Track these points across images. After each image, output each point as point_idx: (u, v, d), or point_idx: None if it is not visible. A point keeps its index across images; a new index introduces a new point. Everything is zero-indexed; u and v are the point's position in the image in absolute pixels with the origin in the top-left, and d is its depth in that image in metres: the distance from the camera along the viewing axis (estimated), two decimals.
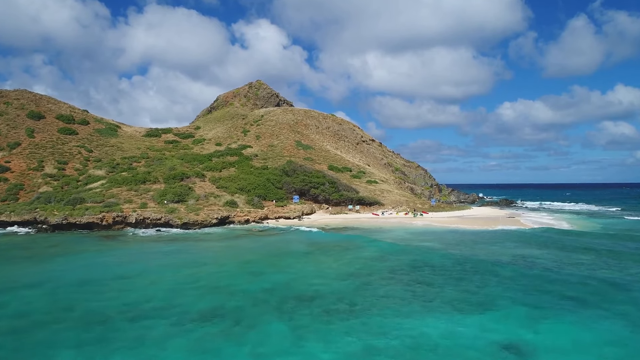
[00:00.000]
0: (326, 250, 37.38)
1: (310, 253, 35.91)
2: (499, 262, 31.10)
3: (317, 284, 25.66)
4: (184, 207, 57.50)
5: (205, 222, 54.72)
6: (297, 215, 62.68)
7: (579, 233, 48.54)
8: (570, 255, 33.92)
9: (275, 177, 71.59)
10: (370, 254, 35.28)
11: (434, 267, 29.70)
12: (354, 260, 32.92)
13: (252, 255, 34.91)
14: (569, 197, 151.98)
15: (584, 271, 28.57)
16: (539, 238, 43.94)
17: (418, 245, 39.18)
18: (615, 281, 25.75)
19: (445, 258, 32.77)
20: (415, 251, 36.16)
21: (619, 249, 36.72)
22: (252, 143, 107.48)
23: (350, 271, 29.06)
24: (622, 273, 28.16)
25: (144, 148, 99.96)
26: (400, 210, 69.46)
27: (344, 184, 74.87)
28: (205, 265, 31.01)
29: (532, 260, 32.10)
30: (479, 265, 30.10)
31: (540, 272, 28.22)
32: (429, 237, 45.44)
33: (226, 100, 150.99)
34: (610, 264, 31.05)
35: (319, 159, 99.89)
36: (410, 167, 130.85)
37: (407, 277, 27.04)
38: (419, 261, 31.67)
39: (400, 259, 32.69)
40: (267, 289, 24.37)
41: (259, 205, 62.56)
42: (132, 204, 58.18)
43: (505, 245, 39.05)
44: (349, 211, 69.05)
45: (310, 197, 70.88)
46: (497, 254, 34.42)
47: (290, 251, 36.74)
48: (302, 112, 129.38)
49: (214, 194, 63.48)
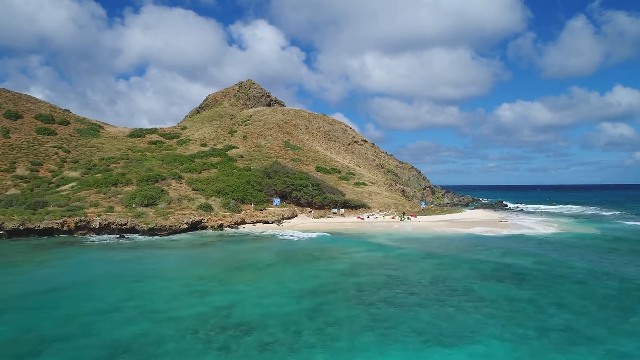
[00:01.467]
0: (294, 261, 33.58)
1: (274, 265, 32.12)
2: (482, 277, 27.34)
3: (266, 306, 21.87)
4: (154, 211, 53.65)
5: (174, 227, 50.87)
6: (276, 219, 58.87)
7: (567, 243, 44.87)
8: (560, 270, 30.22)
9: (256, 179, 67.76)
10: (342, 266, 31.48)
11: (409, 284, 25.92)
12: (321, 273, 29.14)
13: (207, 268, 31.09)
14: (567, 199, 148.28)
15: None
16: (525, 245, 40.19)
17: (398, 255, 35.39)
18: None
19: (423, 272, 29.01)
20: (392, 263, 32.39)
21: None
22: (239, 143, 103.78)
23: (311, 288, 25.27)
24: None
25: (125, 149, 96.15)
26: (387, 214, 65.69)
27: (329, 186, 71.10)
28: (147, 280, 27.20)
29: (521, 273, 28.33)
30: (459, 282, 26.33)
31: (533, 294, 24.47)
32: (412, 244, 41.66)
33: (215, 100, 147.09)
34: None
35: (307, 159, 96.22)
36: (403, 168, 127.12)
37: (374, 297, 23.25)
38: (393, 276, 27.88)
39: (373, 273, 28.93)
40: (203, 315, 20.54)
41: (235, 209, 58.72)
42: (98, 207, 54.31)
43: (492, 253, 35.26)
44: (333, 215, 65.27)
45: (292, 200, 67.08)
46: (479, 268, 30.63)
47: (252, 262, 32.93)
48: (292, 112, 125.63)
49: (188, 196, 59.63)
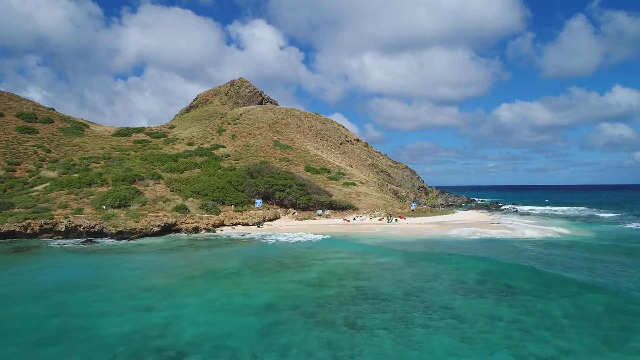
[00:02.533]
0: (260, 269, 30.70)
1: (236, 274, 29.23)
2: (462, 290, 24.51)
3: (208, 325, 19.05)
4: (125, 212, 50.76)
5: (145, 230, 47.98)
6: (256, 221, 55.97)
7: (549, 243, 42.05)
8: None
9: (238, 179, 64.85)
10: (311, 275, 28.63)
11: (379, 298, 23.06)
12: (285, 284, 26.27)
13: (161, 277, 28.20)
14: (565, 200, 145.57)
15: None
16: (515, 251, 37.33)
17: (375, 263, 32.53)
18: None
19: (399, 283, 26.16)
20: (366, 272, 29.54)
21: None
22: (227, 143, 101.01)
23: (268, 302, 22.40)
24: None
25: (109, 148, 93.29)
26: (375, 216, 62.83)
27: (314, 186, 68.22)
28: (86, 292, 24.29)
29: (507, 285, 25.48)
30: (436, 296, 23.48)
31: (518, 312, 21.62)
32: (395, 248, 38.82)
33: (206, 99, 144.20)
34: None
35: (296, 159, 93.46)
36: (397, 168, 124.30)
37: (336, 315, 20.39)
38: (364, 289, 25.02)
39: (343, 285, 26.06)
40: (130, 335, 17.70)
41: (214, 210, 55.82)
42: (67, 209, 51.40)
43: (478, 261, 32.38)
44: (318, 216, 62.39)
45: (276, 201, 64.19)
46: (461, 279, 27.79)
47: (214, 271, 30.04)
48: (283, 111, 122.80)
49: (164, 197, 56.72)
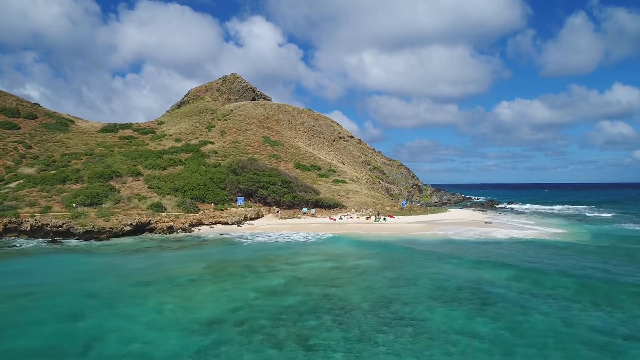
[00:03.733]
0: (224, 273, 28.15)
1: (197, 280, 26.65)
2: (438, 299, 22.00)
3: (141, 342, 16.52)
4: (96, 211, 48.20)
5: (115, 229, 45.41)
6: (237, 220, 53.40)
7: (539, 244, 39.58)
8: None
9: (220, 176, 62.27)
10: (278, 281, 26.07)
11: (344, 309, 20.49)
12: (245, 293, 23.72)
13: (111, 282, 25.62)
14: (564, 198, 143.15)
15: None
16: (503, 253, 34.82)
17: (351, 267, 30.00)
18: None
19: (370, 290, 23.65)
20: (338, 277, 26.99)
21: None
22: (215, 139, 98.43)
23: (219, 315, 19.81)
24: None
25: (93, 144, 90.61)
26: (363, 214, 60.31)
27: (301, 183, 65.64)
28: (25, 297, 21.77)
29: (489, 293, 22.97)
30: (408, 305, 20.94)
31: (498, 327, 19.12)
32: (376, 249, 36.36)
33: (197, 95, 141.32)
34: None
35: (286, 156, 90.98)
36: (391, 165, 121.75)
37: (290, 330, 17.81)
38: (331, 297, 22.46)
39: (310, 292, 23.51)
40: (50, 349, 15.25)
41: (192, 208, 53.24)
42: (35, 207, 48.84)
43: (461, 264, 29.91)
44: (304, 215, 59.83)
45: (259, 199, 61.63)
46: (440, 285, 25.28)
47: (173, 276, 27.45)
48: (274, 107, 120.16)
49: (140, 195, 54.13)
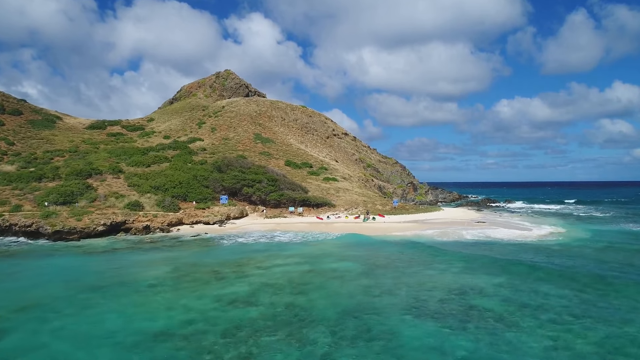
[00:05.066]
0: (187, 279, 25.93)
1: (156, 286, 24.42)
2: (409, 313, 19.84)
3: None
4: (69, 210, 45.99)
5: (87, 229, 43.18)
6: (219, 219, 51.15)
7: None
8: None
9: (204, 174, 60.01)
10: (243, 288, 23.85)
11: (304, 321, 18.36)
12: (204, 301, 21.51)
13: (62, 288, 23.39)
14: (562, 197, 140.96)
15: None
16: (493, 259, 32.66)
17: (326, 270, 27.80)
18: None
19: (339, 298, 21.49)
20: (310, 283, 24.83)
21: None
22: (205, 136, 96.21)
23: (163, 329, 17.60)
24: None
25: (78, 141, 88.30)
26: (352, 214, 58.09)
27: (289, 181, 63.40)
28: None
29: (473, 307, 20.78)
30: (382, 318, 18.79)
31: (478, 347, 16.97)
32: (357, 251, 34.18)
33: (190, 91, 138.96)
34: None
35: (277, 153, 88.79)
36: (386, 163, 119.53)
37: (234, 351, 15.65)
38: (294, 307, 20.29)
39: (273, 302, 21.33)
40: None
41: (172, 207, 51.00)
42: (6, 206, 46.63)
43: (446, 271, 27.77)
44: (290, 214, 57.60)
45: (244, 198, 59.39)
46: (415, 295, 23.11)
47: (132, 281, 25.24)
48: (267, 103, 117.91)
49: (118, 193, 51.88)
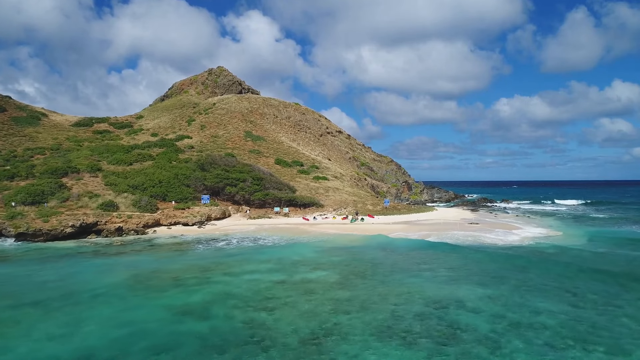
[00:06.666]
0: (140, 287, 23.34)
1: (102, 296, 21.85)
2: (379, 332, 17.34)
3: None
4: (37, 210, 43.42)
5: (54, 231, 40.60)
6: (198, 220, 48.59)
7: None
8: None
9: (186, 172, 57.43)
10: (199, 299, 21.28)
11: (256, 345, 15.83)
12: (151, 314, 18.99)
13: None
14: (561, 196, 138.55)
15: None
16: (480, 265, 30.16)
17: (299, 281, 25.25)
18: None
19: (309, 317, 18.98)
20: (278, 297, 22.27)
21: None
22: (194, 133, 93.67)
23: (91, 349, 15.13)
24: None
25: (62, 139, 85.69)
26: (340, 214, 55.58)
27: (275, 180, 60.84)
28: None
29: (453, 324, 18.25)
30: (347, 343, 16.27)
31: None
32: (337, 257, 31.67)
33: (181, 88, 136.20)
34: None
35: (267, 151, 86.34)
36: (380, 161, 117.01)
37: None
38: (254, 324, 17.76)
39: (230, 316, 18.84)
40: None
41: (149, 207, 48.41)
42: None
43: (432, 279, 25.26)
44: (275, 215, 55.05)
45: (227, 197, 56.82)
46: (390, 310, 20.61)
47: (78, 291, 22.67)
48: (259, 100, 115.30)
49: (93, 192, 49.30)
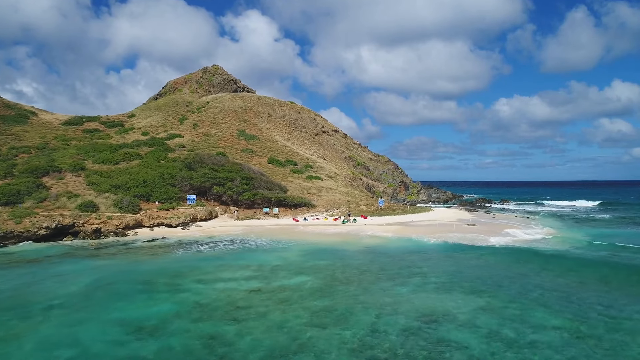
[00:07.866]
0: (100, 296, 21.26)
1: (57, 307, 19.67)
2: (352, 352, 15.22)
3: None
4: (10, 211, 41.27)
5: (26, 233, 38.43)
6: (182, 221, 46.44)
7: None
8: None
9: (172, 172, 55.28)
10: (163, 310, 19.31)
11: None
12: (102, 329, 17.00)
13: None
14: (560, 196, 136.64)
15: None
16: (473, 271, 28.05)
17: (277, 288, 23.13)
18: None
19: (278, 332, 16.89)
20: (251, 308, 20.25)
21: None
22: (186, 132, 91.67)
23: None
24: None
25: (50, 137, 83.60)
26: (332, 215, 53.46)
27: (266, 180, 58.71)
28: None
29: (436, 337, 16.14)
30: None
31: None
32: (322, 261, 29.58)
33: (175, 87, 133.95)
34: None
35: (260, 150, 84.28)
36: (377, 161, 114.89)
37: None
38: (216, 342, 15.74)
39: (189, 331, 16.81)
40: None
41: (130, 208, 46.27)
42: None
43: (421, 288, 23.16)
44: (264, 215, 52.90)
45: (215, 197, 54.67)
46: (367, 322, 18.52)
47: (32, 301, 20.53)
48: (254, 99, 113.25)
49: (72, 192, 47.18)
